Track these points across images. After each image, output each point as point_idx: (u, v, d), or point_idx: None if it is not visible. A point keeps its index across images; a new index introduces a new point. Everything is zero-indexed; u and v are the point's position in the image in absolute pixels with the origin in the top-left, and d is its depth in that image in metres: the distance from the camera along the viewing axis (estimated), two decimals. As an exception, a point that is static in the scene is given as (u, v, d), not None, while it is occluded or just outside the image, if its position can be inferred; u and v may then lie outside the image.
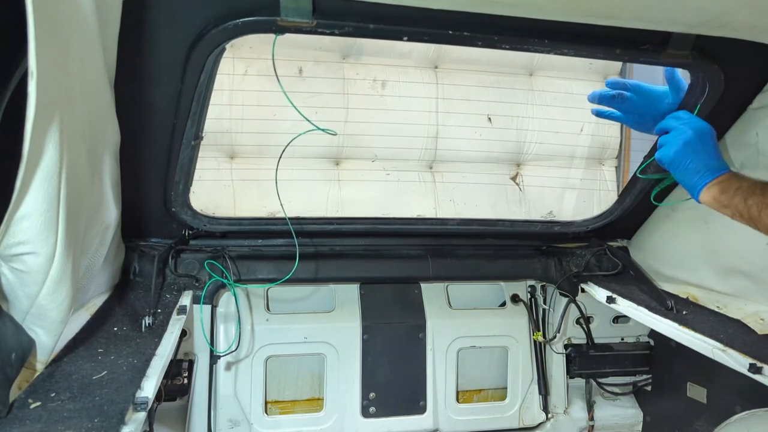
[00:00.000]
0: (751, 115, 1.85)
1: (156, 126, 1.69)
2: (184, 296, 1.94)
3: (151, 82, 1.56)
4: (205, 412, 2.11)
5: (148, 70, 1.53)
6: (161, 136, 1.72)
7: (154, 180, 1.86)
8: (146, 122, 1.67)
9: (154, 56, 1.50)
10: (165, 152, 1.76)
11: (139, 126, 1.67)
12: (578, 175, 3.92)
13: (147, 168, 1.82)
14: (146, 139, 1.73)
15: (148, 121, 1.67)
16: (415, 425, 2.29)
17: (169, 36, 1.46)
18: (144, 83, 1.56)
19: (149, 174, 1.84)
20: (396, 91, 3.41)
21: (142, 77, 1.54)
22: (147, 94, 1.59)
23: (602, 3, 1.37)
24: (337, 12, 1.42)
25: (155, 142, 1.74)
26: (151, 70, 1.53)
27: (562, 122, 3.73)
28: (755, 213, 1.46)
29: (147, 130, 1.70)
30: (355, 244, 2.28)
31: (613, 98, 1.76)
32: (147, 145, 1.75)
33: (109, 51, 1.37)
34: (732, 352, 1.67)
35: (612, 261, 2.38)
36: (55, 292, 1.20)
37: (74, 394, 1.24)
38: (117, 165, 1.67)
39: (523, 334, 2.43)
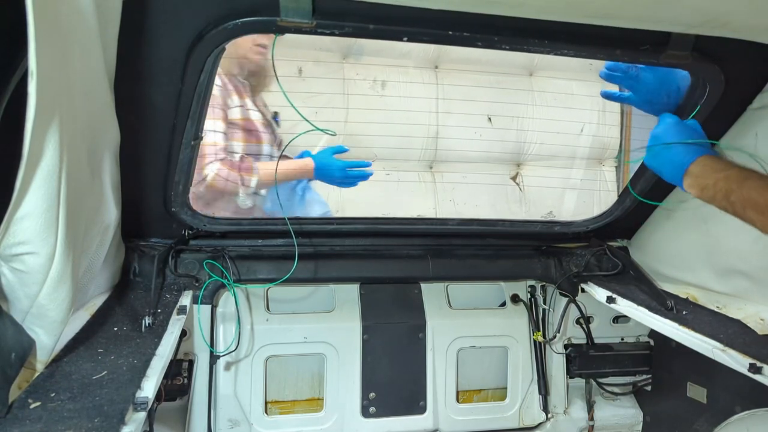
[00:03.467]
0: (751, 115, 1.85)
1: (156, 126, 1.69)
2: (184, 296, 1.94)
3: (151, 82, 1.56)
4: (205, 412, 2.11)
5: (148, 70, 1.53)
6: (161, 136, 1.72)
7: (154, 180, 1.86)
8: (146, 122, 1.67)
9: (154, 56, 1.50)
10: (165, 152, 1.77)
11: (139, 126, 1.67)
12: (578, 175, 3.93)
13: (147, 168, 1.82)
14: (146, 139, 1.73)
15: (148, 121, 1.67)
16: (415, 425, 2.29)
17: (169, 36, 1.46)
18: (144, 83, 1.56)
19: (149, 174, 1.84)
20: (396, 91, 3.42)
21: (142, 77, 1.54)
22: (147, 94, 1.59)
23: (602, 3, 1.37)
24: (337, 12, 1.42)
25: (155, 142, 1.74)
26: (151, 70, 1.53)
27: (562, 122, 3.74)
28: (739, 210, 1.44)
29: (147, 130, 1.70)
30: (354, 244, 2.28)
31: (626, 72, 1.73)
32: (147, 145, 1.75)
33: (109, 51, 1.38)
34: (732, 352, 1.67)
35: (612, 261, 2.38)
36: (55, 292, 1.20)
37: (74, 394, 1.24)
38: (117, 165, 1.67)
39: (523, 334, 2.43)
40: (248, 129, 2.48)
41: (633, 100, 1.81)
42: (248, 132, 2.48)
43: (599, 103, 3.90)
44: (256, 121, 2.51)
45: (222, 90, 2.40)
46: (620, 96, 1.82)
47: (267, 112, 2.64)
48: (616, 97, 1.86)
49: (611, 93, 1.85)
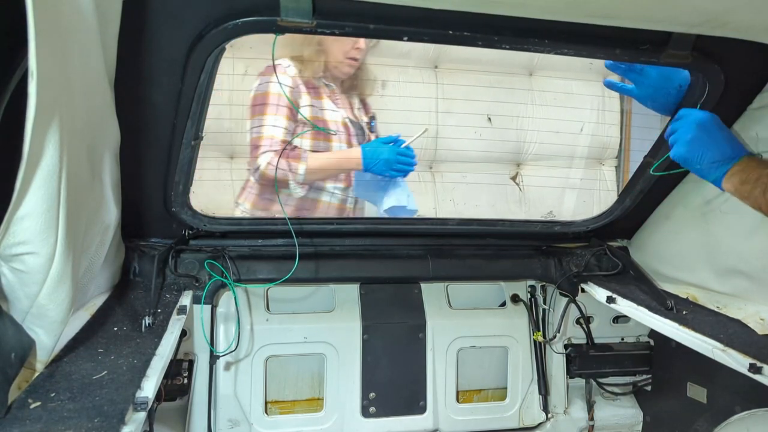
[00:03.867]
0: (751, 115, 1.85)
1: (156, 126, 1.69)
2: (184, 296, 1.94)
3: (151, 81, 1.56)
4: (205, 412, 2.11)
5: (148, 70, 1.53)
6: (161, 136, 1.72)
7: (154, 180, 1.86)
8: (146, 122, 1.67)
9: (154, 56, 1.50)
10: (165, 152, 1.76)
11: (139, 126, 1.67)
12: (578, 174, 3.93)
13: (147, 168, 1.82)
14: (146, 139, 1.73)
15: (148, 121, 1.67)
16: (415, 425, 2.29)
17: (169, 36, 1.46)
18: (144, 83, 1.56)
19: (149, 174, 1.84)
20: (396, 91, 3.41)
21: (142, 77, 1.54)
22: (147, 93, 1.59)
23: (602, 3, 1.37)
24: (337, 12, 1.42)
25: (155, 142, 1.74)
26: (151, 69, 1.53)
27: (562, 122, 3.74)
28: None
29: (147, 130, 1.70)
30: (355, 244, 2.28)
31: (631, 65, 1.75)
32: (147, 145, 1.75)
33: (109, 51, 1.37)
34: (732, 352, 1.67)
35: (612, 261, 2.38)
36: (55, 292, 1.20)
37: (74, 394, 1.24)
38: (117, 165, 1.67)
39: (523, 334, 2.43)
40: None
41: (635, 93, 1.82)
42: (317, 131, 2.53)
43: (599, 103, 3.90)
44: (330, 121, 2.54)
45: (293, 91, 2.48)
46: (623, 87, 1.83)
47: (359, 115, 2.68)
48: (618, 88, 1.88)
49: (614, 83, 1.86)
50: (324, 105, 2.55)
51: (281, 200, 2.32)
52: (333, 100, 2.58)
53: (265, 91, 2.49)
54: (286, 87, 2.49)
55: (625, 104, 3.98)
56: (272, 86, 2.48)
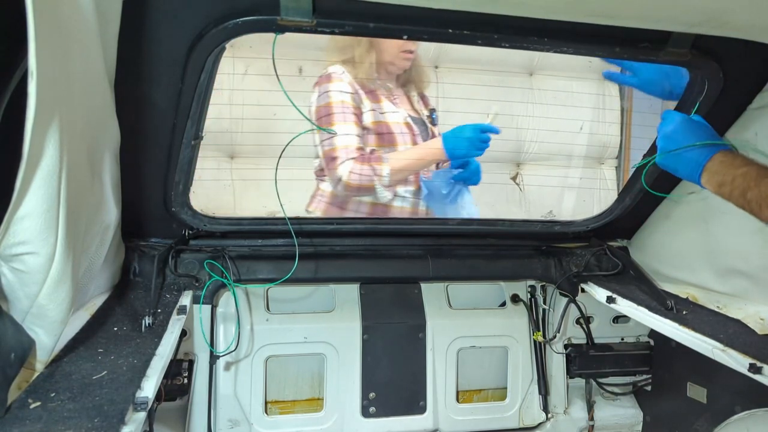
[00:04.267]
0: (750, 114, 1.85)
1: (156, 126, 1.69)
2: (184, 296, 1.94)
3: (151, 81, 1.56)
4: (205, 412, 2.11)
5: (148, 70, 1.53)
6: (161, 136, 1.72)
7: (154, 180, 1.86)
8: (146, 122, 1.67)
9: (154, 56, 1.50)
10: (165, 152, 1.76)
11: (139, 126, 1.66)
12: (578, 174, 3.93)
13: (147, 168, 1.82)
14: (146, 139, 1.73)
15: (148, 120, 1.67)
16: (415, 425, 2.29)
17: (169, 35, 1.46)
18: (144, 83, 1.56)
19: (149, 174, 1.84)
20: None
21: (142, 77, 1.54)
22: (147, 93, 1.59)
23: (602, 2, 1.37)
24: (337, 11, 1.42)
25: (155, 141, 1.74)
26: (151, 69, 1.53)
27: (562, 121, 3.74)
28: (756, 208, 1.44)
29: (147, 129, 1.70)
30: (355, 244, 2.28)
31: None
32: (147, 145, 1.75)
33: (109, 51, 1.37)
34: (732, 352, 1.67)
35: (612, 261, 2.38)
36: (55, 292, 1.20)
37: (74, 394, 1.24)
38: (117, 165, 1.67)
39: (523, 334, 2.43)
40: (380, 132, 2.52)
41: (634, 81, 1.82)
42: (380, 135, 2.51)
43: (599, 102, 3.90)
44: (392, 123, 2.53)
45: (354, 96, 2.48)
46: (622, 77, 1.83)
47: (420, 109, 2.66)
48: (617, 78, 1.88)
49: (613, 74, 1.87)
50: (384, 108, 2.53)
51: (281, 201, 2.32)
52: (391, 101, 2.56)
53: (327, 102, 2.49)
54: (347, 93, 2.48)
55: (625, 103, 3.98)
56: (332, 95, 2.48)
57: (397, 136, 2.52)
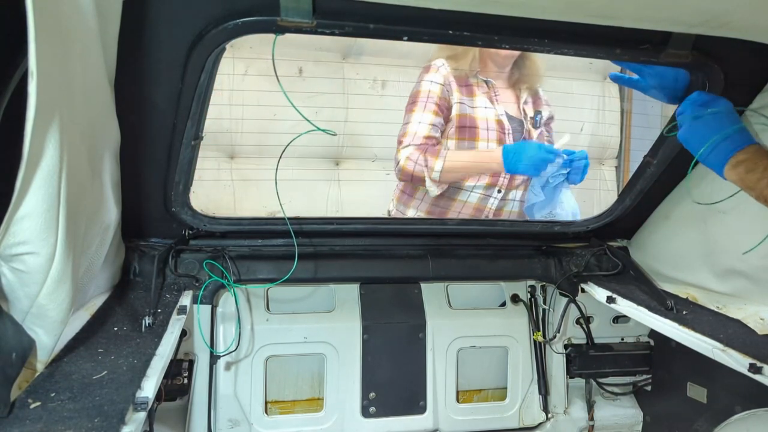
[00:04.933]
0: (750, 115, 1.85)
1: (156, 126, 1.69)
2: (184, 296, 1.94)
3: (151, 81, 1.56)
4: (205, 412, 2.11)
5: (148, 70, 1.53)
6: (161, 136, 1.72)
7: (154, 180, 1.86)
8: (146, 122, 1.67)
9: (154, 56, 1.50)
10: (165, 152, 1.76)
11: (139, 126, 1.67)
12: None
13: (147, 168, 1.82)
14: (146, 139, 1.73)
15: (148, 121, 1.67)
16: (415, 425, 2.29)
17: (169, 36, 1.46)
18: (144, 83, 1.56)
19: (149, 174, 1.84)
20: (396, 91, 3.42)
21: (142, 77, 1.54)
22: (147, 94, 1.59)
23: (602, 3, 1.37)
24: (337, 12, 1.42)
25: (155, 142, 1.74)
26: (151, 69, 1.53)
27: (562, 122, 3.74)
28: None
29: (147, 130, 1.70)
30: (354, 244, 2.28)
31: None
32: (147, 145, 1.75)
33: (109, 51, 1.37)
34: (732, 352, 1.67)
35: (612, 261, 2.38)
36: (55, 292, 1.20)
37: (74, 394, 1.24)
38: (117, 165, 1.67)
39: (523, 334, 2.43)
40: (462, 125, 2.51)
41: (641, 84, 1.82)
42: (462, 128, 2.51)
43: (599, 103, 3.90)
44: (480, 118, 2.52)
45: (444, 88, 2.50)
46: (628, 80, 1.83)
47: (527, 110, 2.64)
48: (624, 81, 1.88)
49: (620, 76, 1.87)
50: (476, 102, 2.53)
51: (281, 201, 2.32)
52: (490, 97, 2.55)
53: (416, 89, 2.53)
54: (437, 84, 2.50)
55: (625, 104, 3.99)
56: (423, 84, 2.51)
57: (481, 131, 2.51)
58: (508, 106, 2.61)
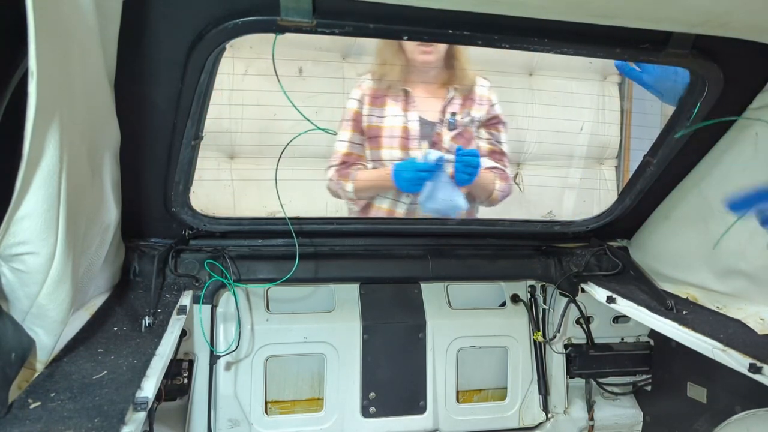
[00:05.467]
0: (750, 114, 1.85)
1: (156, 126, 1.69)
2: (184, 296, 1.94)
3: (151, 81, 1.56)
4: (205, 412, 2.11)
5: (148, 70, 1.53)
6: (161, 136, 1.72)
7: (154, 180, 1.86)
8: (146, 122, 1.67)
9: (154, 56, 1.50)
10: (165, 152, 1.76)
11: (139, 126, 1.67)
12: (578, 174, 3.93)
13: (147, 168, 1.82)
14: (146, 139, 1.73)
15: (148, 121, 1.67)
16: (415, 425, 2.29)
17: (169, 36, 1.46)
18: (144, 83, 1.56)
19: (149, 174, 1.84)
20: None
21: (142, 77, 1.54)
22: (147, 93, 1.59)
23: (602, 2, 1.37)
24: (337, 11, 1.42)
25: (155, 142, 1.74)
26: (151, 69, 1.53)
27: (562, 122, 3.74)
28: None
29: (147, 130, 1.70)
30: (355, 244, 2.28)
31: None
32: (147, 145, 1.75)
33: (109, 51, 1.37)
34: (732, 352, 1.67)
35: (612, 261, 2.38)
36: (55, 292, 1.20)
37: (74, 394, 1.24)
38: (117, 165, 1.67)
39: (523, 334, 2.43)
40: (371, 136, 2.59)
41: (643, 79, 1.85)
42: (371, 139, 2.59)
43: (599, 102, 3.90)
44: (386, 128, 2.57)
45: (358, 103, 2.58)
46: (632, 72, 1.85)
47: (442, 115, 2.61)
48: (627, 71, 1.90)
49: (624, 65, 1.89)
50: (385, 112, 2.58)
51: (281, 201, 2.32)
52: (405, 104, 2.56)
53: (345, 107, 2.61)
54: (354, 100, 2.58)
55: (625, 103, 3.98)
56: (347, 102, 2.60)
57: (384, 140, 2.56)
58: (427, 111, 2.61)
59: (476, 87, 2.64)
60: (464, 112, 2.60)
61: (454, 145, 2.55)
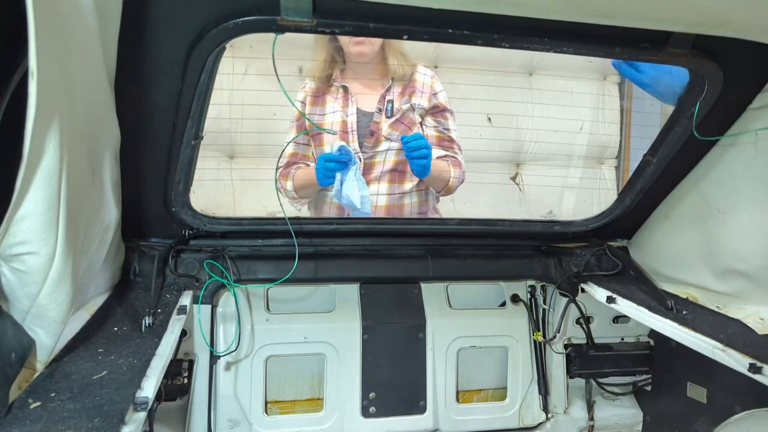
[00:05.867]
0: (750, 114, 1.85)
1: (156, 126, 1.69)
2: (184, 296, 1.94)
3: (151, 81, 1.56)
4: (205, 412, 2.11)
5: (148, 70, 1.53)
6: (161, 136, 1.72)
7: (154, 180, 1.86)
8: (146, 122, 1.67)
9: (154, 56, 1.50)
10: (165, 152, 1.76)
11: (139, 126, 1.66)
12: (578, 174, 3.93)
13: (147, 168, 1.82)
14: (146, 139, 1.73)
15: (148, 121, 1.67)
16: (415, 425, 2.29)
17: (169, 36, 1.46)
18: (144, 83, 1.56)
19: (149, 174, 1.84)
20: (396, 91, 3.39)
21: (142, 77, 1.54)
22: (147, 93, 1.59)
23: (602, 2, 1.37)
24: (337, 11, 1.42)
25: (155, 142, 1.74)
26: (151, 69, 1.53)
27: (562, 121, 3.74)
28: None
29: (147, 130, 1.70)
30: (354, 244, 2.28)
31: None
32: (147, 145, 1.75)
33: (109, 51, 1.37)
34: (732, 352, 1.67)
35: (612, 261, 2.38)
36: (55, 292, 1.20)
37: (74, 394, 1.24)
38: (117, 165, 1.67)
39: (523, 334, 2.43)
40: (313, 133, 2.61)
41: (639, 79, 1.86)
42: (313, 136, 2.62)
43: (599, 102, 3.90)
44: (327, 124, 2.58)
45: (302, 105, 2.60)
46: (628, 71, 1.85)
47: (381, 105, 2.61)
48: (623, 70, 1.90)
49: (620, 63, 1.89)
50: (326, 109, 2.59)
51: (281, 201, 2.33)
52: (344, 101, 2.57)
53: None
54: (299, 103, 2.59)
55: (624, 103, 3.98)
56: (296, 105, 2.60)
57: (325, 135, 2.58)
58: (366, 104, 2.61)
59: (417, 74, 2.62)
60: (403, 99, 2.59)
61: (393, 132, 2.55)
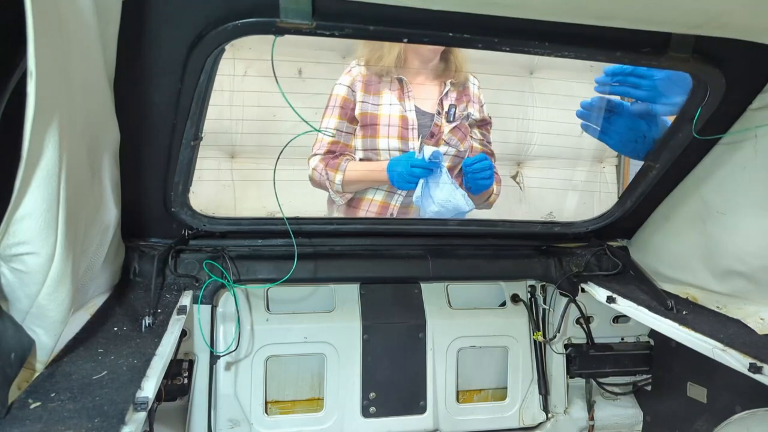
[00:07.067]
0: (750, 115, 1.85)
1: (156, 126, 1.69)
2: (184, 296, 1.94)
3: (150, 82, 1.56)
4: (205, 412, 2.11)
5: (148, 71, 1.53)
6: (161, 137, 1.72)
7: (153, 180, 1.86)
8: (146, 122, 1.67)
9: (154, 56, 1.50)
10: (165, 152, 1.77)
11: (139, 126, 1.67)
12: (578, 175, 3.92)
13: (147, 168, 1.82)
14: (146, 139, 1.73)
15: (147, 121, 1.67)
16: (415, 425, 2.29)
17: (169, 36, 1.46)
18: (144, 83, 1.56)
19: (149, 174, 1.84)
20: (396, 91, 3.39)
21: (141, 77, 1.54)
22: (147, 94, 1.59)
23: (602, 4, 1.37)
24: (336, 13, 1.42)
25: (155, 142, 1.74)
26: (151, 70, 1.53)
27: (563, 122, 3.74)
28: None
29: (147, 130, 1.70)
30: (354, 244, 2.28)
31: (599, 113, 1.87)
32: (147, 145, 1.75)
33: (109, 51, 1.38)
34: (732, 352, 1.67)
35: (612, 261, 2.38)
36: (55, 292, 1.20)
37: (74, 394, 1.24)
38: (117, 165, 1.67)
39: (523, 334, 2.43)
40: (364, 123, 2.52)
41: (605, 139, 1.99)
42: (364, 126, 2.52)
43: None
44: (382, 115, 2.51)
45: (348, 90, 2.51)
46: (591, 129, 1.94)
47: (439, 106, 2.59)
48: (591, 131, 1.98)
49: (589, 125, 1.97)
50: (381, 100, 2.53)
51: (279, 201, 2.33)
52: (400, 94, 2.54)
53: (330, 94, 2.54)
54: (343, 86, 2.52)
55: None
56: (334, 88, 2.52)
57: (381, 128, 2.52)
58: (424, 102, 2.58)
59: (468, 83, 2.62)
60: (461, 106, 2.59)
61: (452, 138, 2.54)
